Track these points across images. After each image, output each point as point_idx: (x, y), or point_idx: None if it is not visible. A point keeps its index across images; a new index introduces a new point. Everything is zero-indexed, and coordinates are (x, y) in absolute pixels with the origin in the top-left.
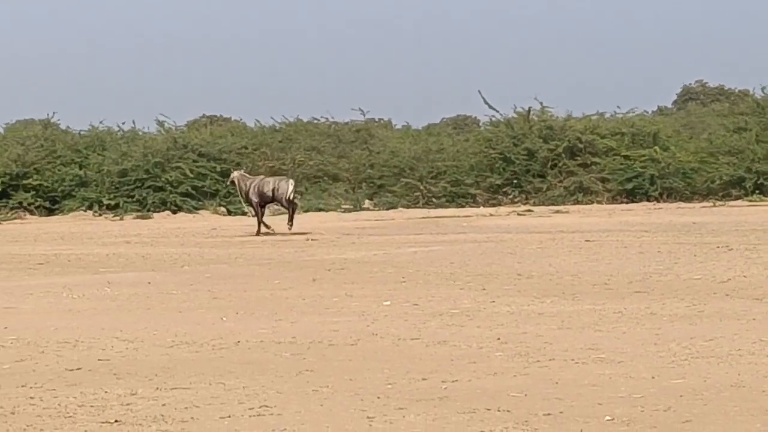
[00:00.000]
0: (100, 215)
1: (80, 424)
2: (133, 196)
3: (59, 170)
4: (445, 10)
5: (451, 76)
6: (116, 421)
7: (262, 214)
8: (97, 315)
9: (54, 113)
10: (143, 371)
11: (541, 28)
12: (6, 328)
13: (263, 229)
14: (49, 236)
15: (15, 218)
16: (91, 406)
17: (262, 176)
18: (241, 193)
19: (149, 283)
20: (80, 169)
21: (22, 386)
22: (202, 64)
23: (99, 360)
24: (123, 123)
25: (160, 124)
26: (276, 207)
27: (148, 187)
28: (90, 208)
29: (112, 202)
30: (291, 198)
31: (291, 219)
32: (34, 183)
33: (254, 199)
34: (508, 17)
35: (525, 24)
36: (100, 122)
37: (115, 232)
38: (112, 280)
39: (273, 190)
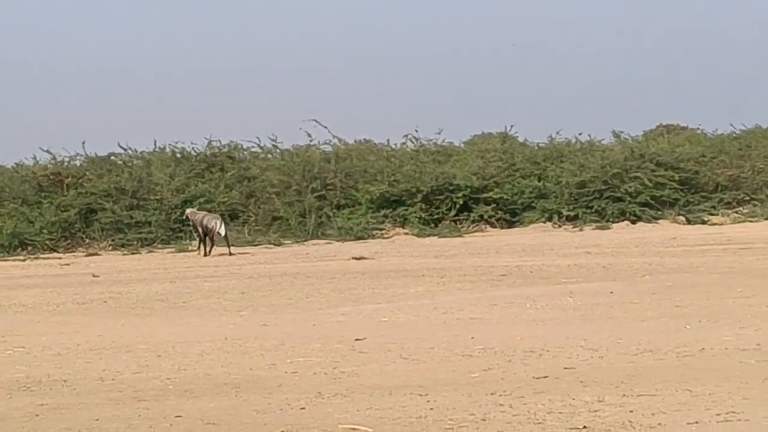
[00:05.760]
0: (560, 226)
1: (549, 430)
2: (591, 207)
3: (518, 182)
4: None
5: None
6: (584, 427)
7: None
8: (561, 324)
9: (512, 126)
10: (609, 379)
11: None
12: (473, 338)
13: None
14: (510, 248)
15: (476, 231)
16: (560, 413)
17: (204, 213)
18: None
19: (611, 292)
20: (539, 180)
21: (491, 394)
22: (651, 73)
23: (565, 368)
24: (579, 134)
25: (616, 135)
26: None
27: (607, 197)
28: (549, 219)
29: (572, 213)
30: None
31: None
32: (495, 196)
33: (200, 230)
34: None
35: None
36: (557, 133)
37: (574, 242)
38: (574, 290)
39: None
